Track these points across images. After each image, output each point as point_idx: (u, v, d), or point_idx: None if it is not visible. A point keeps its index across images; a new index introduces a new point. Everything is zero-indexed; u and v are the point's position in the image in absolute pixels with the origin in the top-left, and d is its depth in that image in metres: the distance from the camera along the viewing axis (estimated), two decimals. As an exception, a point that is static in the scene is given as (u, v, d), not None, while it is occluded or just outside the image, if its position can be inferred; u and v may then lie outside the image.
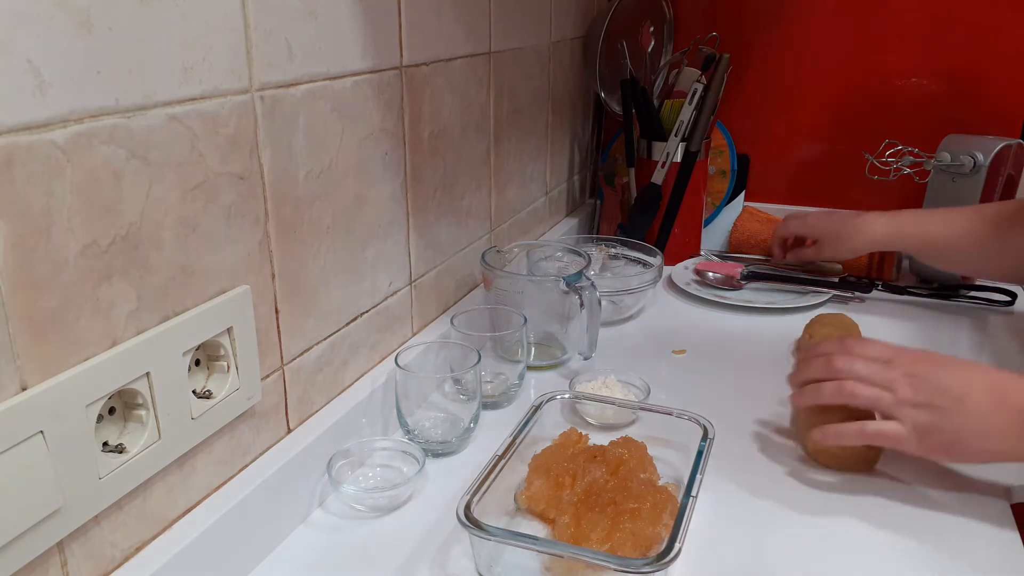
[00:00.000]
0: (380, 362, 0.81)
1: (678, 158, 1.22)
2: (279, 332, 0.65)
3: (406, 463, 0.73)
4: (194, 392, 0.56)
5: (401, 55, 0.76)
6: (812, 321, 0.99)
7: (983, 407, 0.65)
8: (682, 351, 0.99)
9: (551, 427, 0.77)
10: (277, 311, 0.64)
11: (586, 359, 0.93)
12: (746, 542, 0.66)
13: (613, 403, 0.80)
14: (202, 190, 0.54)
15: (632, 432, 0.76)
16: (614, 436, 0.73)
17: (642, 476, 0.68)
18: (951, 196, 1.16)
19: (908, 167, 1.20)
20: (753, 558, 0.64)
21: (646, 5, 1.31)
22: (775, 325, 1.06)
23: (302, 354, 0.68)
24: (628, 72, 1.22)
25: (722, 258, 1.28)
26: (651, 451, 0.71)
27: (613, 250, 1.17)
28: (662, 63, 1.34)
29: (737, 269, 1.20)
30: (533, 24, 1.09)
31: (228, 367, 0.58)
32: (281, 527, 0.65)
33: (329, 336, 0.72)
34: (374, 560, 0.64)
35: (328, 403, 0.73)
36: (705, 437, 0.70)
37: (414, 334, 0.88)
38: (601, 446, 0.71)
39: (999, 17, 1.21)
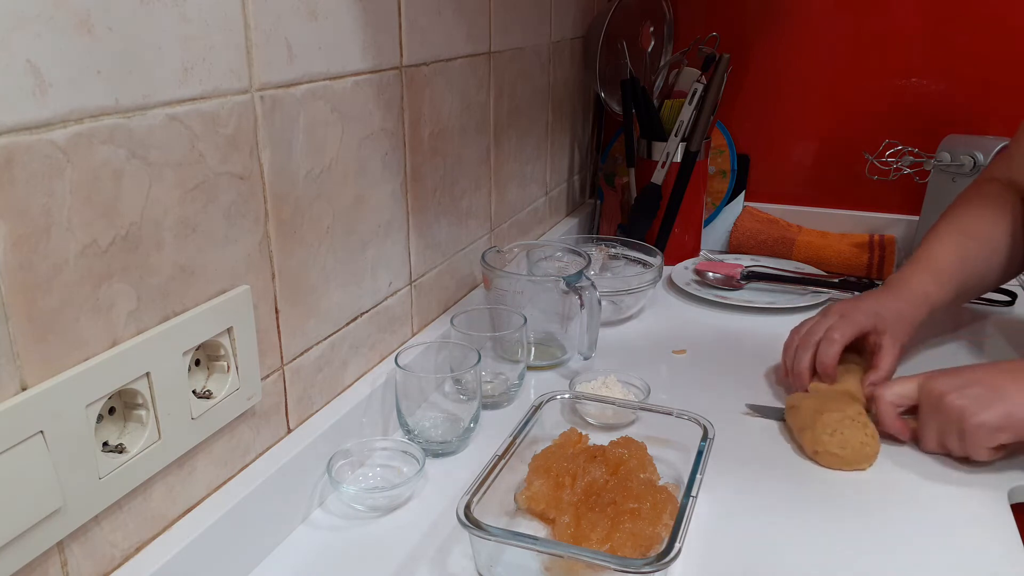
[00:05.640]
0: (380, 362, 0.81)
1: (678, 158, 1.22)
2: (279, 332, 0.65)
3: (406, 463, 0.73)
4: (194, 392, 0.56)
5: (401, 55, 0.76)
6: (812, 321, 0.99)
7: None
8: (682, 351, 0.99)
9: (551, 427, 0.77)
10: (277, 311, 0.64)
11: (586, 359, 0.93)
12: (746, 542, 0.66)
13: (613, 403, 0.80)
14: (202, 190, 0.54)
15: (632, 432, 0.76)
16: (614, 436, 0.73)
17: (642, 476, 0.68)
18: (951, 196, 1.16)
19: (908, 167, 1.20)
20: (753, 558, 0.64)
21: (646, 5, 1.31)
22: (775, 325, 1.06)
23: (302, 354, 0.68)
24: (628, 72, 1.22)
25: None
26: (651, 451, 0.71)
27: (613, 250, 1.17)
28: (662, 63, 1.34)
29: (737, 269, 1.20)
30: (533, 24, 1.09)
31: (228, 367, 0.58)
32: (281, 527, 0.65)
33: (329, 336, 0.72)
34: (374, 560, 0.64)
35: (328, 403, 0.73)
36: (705, 437, 0.70)
37: (414, 334, 0.88)
38: (601, 446, 0.71)
39: (999, 17, 1.21)
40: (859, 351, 0.89)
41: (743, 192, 1.39)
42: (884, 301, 0.88)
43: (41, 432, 0.44)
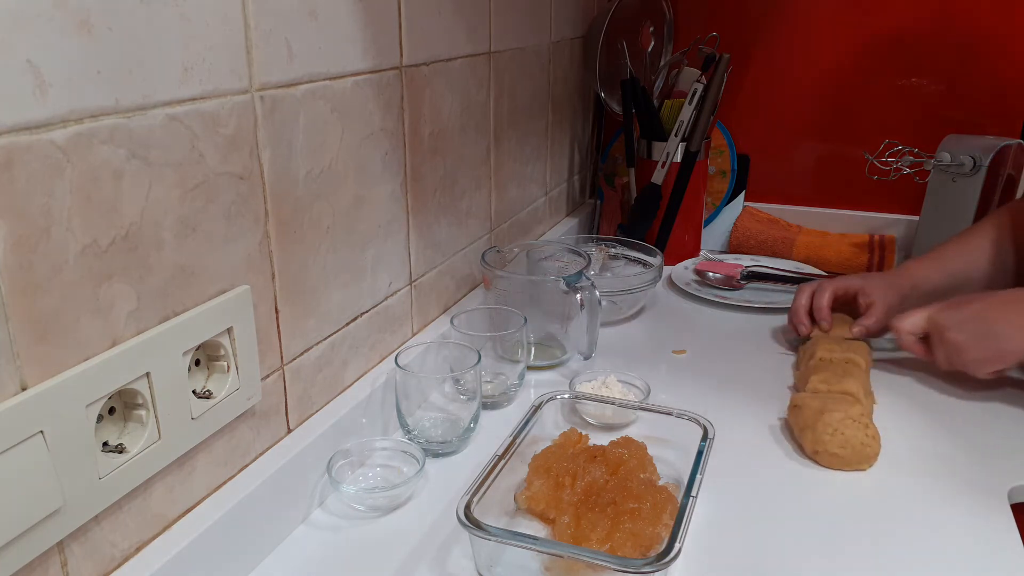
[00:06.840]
0: (380, 362, 0.81)
1: (678, 158, 1.22)
2: (279, 332, 0.65)
3: (406, 463, 0.73)
4: (194, 392, 0.56)
5: (401, 55, 0.76)
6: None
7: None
8: (682, 351, 0.99)
9: (551, 427, 0.77)
10: (277, 311, 0.64)
11: (586, 359, 0.93)
12: (746, 542, 0.66)
13: (613, 403, 0.80)
14: (202, 190, 0.54)
15: (632, 432, 0.76)
16: (614, 436, 0.74)
17: (642, 476, 0.68)
18: (951, 196, 1.16)
19: (908, 167, 1.20)
20: (753, 558, 0.64)
21: (646, 5, 1.31)
22: (775, 325, 1.06)
23: (302, 354, 0.68)
24: (628, 72, 1.22)
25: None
26: (651, 451, 0.71)
27: (613, 250, 1.17)
28: (662, 63, 1.34)
29: (737, 269, 1.20)
30: (533, 24, 1.09)
31: (228, 367, 0.58)
32: (281, 527, 0.65)
33: (329, 336, 0.72)
34: (374, 560, 0.64)
35: (328, 403, 0.73)
36: (705, 437, 0.70)
37: (414, 334, 0.88)
38: (601, 446, 0.71)
39: (999, 17, 1.21)
40: (858, 349, 0.89)
41: (743, 192, 1.39)
42: (872, 274, 1.02)
43: (41, 432, 0.44)
